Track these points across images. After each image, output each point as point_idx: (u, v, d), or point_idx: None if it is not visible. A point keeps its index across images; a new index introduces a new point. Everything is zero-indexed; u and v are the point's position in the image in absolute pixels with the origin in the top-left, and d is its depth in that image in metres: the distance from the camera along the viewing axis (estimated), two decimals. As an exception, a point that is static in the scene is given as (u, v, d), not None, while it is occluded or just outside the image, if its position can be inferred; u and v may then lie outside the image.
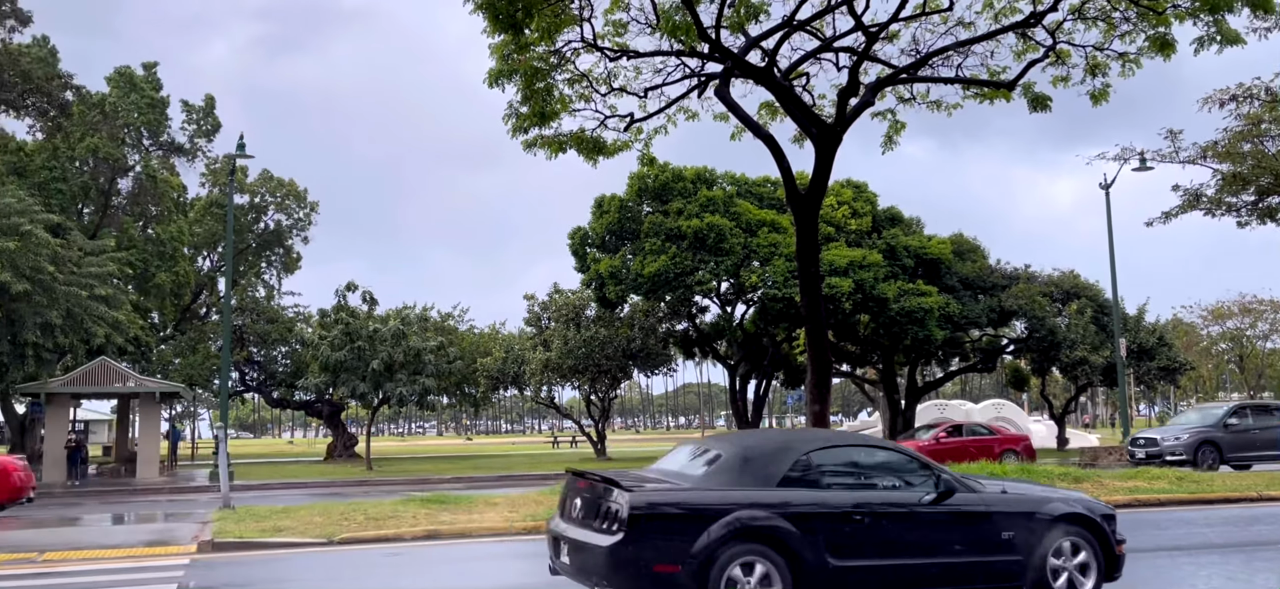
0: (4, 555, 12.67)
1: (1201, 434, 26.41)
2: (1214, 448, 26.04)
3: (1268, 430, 26.50)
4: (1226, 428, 26.63)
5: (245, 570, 11.57)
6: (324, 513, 15.98)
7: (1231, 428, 26.65)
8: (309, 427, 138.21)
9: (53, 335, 29.25)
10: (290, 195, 51.51)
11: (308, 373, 41.17)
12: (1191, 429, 27.01)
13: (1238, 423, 26.89)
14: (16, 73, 34.90)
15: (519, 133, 20.72)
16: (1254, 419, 27.23)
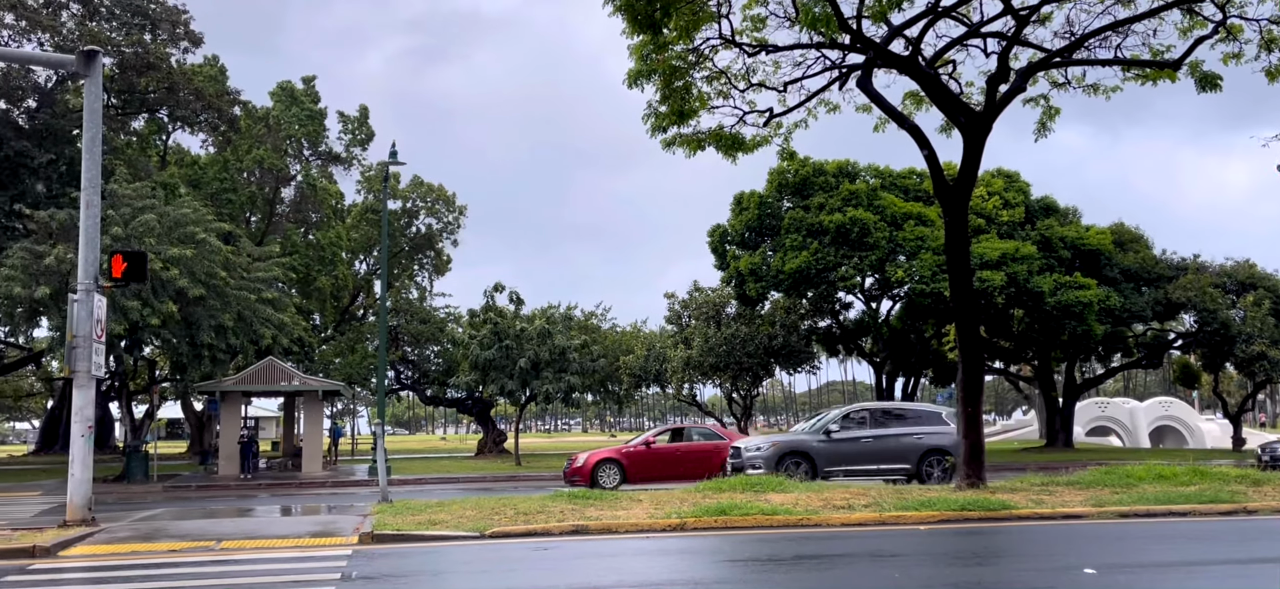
0: (187, 544, 13.58)
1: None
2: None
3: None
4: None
5: (403, 561, 12.04)
6: (476, 507, 16.46)
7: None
8: (460, 423, 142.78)
9: (225, 337, 31.13)
10: (440, 200, 53.31)
11: (459, 371, 42.53)
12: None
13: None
14: (190, 91, 37.30)
15: (658, 132, 20.83)
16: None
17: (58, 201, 31.83)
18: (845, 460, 22.40)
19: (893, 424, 23.27)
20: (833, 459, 22.40)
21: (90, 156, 16.57)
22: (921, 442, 22.74)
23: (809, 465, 22.17)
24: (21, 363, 51.79)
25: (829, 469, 22.22)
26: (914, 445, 22.69)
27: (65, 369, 27.94)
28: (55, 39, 34.10)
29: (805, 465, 22.12)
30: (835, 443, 22.60)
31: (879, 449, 22.63)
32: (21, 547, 12.94)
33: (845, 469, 22.29)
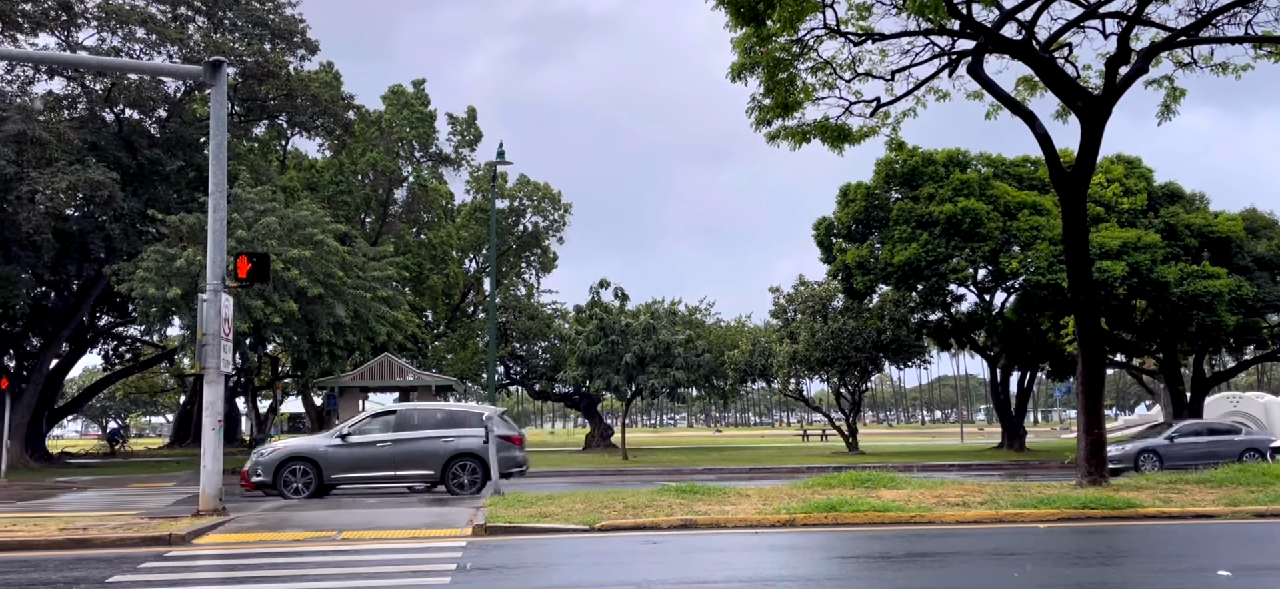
0: (310, 533, 14.11)
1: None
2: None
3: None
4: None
5: (516, 553, 12.27)
6: (585, 500, 16.66)
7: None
8: (568, 418, 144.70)
9: (343, 334, 32.23)
10: (546, 198, 54.05)
11: (566, 367, 43.08)
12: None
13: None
14: (307, 97, 38.68)
15: (762, 125, 20.70)
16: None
17: (187, 206, 33.43)
18: (359, 467, 20.65)
19: (421, 427, 21.13)
20: (343, 466, 20.60)
21: (217, 162, 17.33)
22: (449, 447, 20.84)
23: (314, 474, 20.36)
24: (156, 360, 54.65)
25: (338, 477, 20.58)
26: (440, 450, 20.80)
27: (196, 366, 29.35)
28: (183, 51, 35.78)
29: (310, 475, 20.36)
30: (350, 448, 20.71)
31: (399, 455, 20.74)
32: (159, 534, 13.65)
33: (359, 477, 20.71)
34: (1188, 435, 29.06)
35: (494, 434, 19.71)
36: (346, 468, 20.56)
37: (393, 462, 20.63)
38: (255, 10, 38.11)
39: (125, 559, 11.99)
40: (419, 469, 20.72)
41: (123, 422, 73.40)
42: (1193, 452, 28.06)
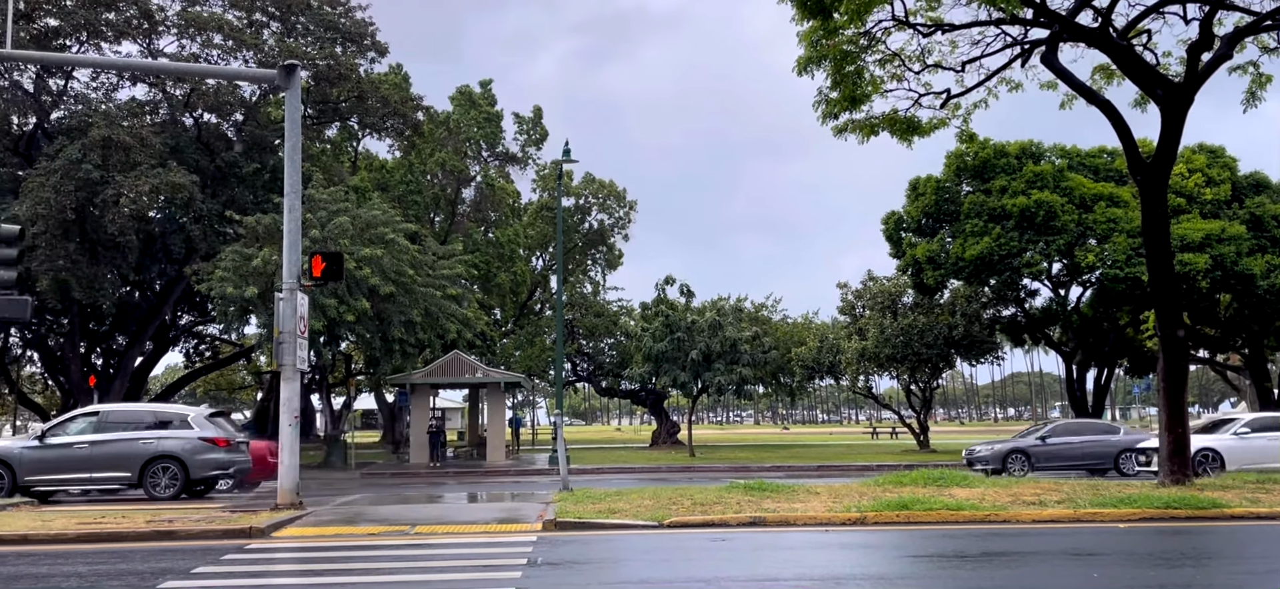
0: (385, 527, 14.36)
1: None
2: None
3: None
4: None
5: (585, 548, 12.34)
6: (653, 497, 16.68)
7: None
8: (634, 414, 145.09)
9: (414, 332, 32.74)
10: (611, 196, 54.22)
11: (632, 363, 43.21)
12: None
13: None
14: (377, 99, 39.35)
15: (829, 119, 20.50)
16: None
17: (263, 207, 34.25)
18: (55, 469, 19.97)
19: (122, 429, 20.45)
20: (39, 468, 19.91)
21: (291, 164, 17.72)
22: (148, 449, 20.12)
23: (9, 476, 19.62)
24: (234, 358, 56.11)
25: (31, 480, 19.81)
26: (138, 452, 20.09)
27: (272, 363, 30.08)
28: (258, 56, 36.68)
29: (4, 476, 19.61)
30: (47, 450, 20.04)
31: (96, 457, 20.02)
32: (239, 527, 14.02)
33: (55, 480, 20.05)
34: (1061, 435, 27.80)
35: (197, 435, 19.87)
36: (42, 470, 20.06)
37: (89, 463, 20.10)
38: (326, 14, 38.88)
39: (208, 551, 12.33)
40: (115, 471, 20.21)
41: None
42: (1066, 452, 27.00)
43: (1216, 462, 23.60)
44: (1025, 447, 27.52)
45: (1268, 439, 24.05)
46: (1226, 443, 24.33)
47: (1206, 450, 23.84)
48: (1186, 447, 18.07)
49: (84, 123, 34.44)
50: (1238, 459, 23.52)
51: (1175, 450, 17.67)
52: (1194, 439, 26.00)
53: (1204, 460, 23.34)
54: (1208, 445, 24.07)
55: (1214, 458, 23.85)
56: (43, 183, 31.97)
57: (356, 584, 9.95)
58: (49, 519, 15.17)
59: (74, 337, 40.69)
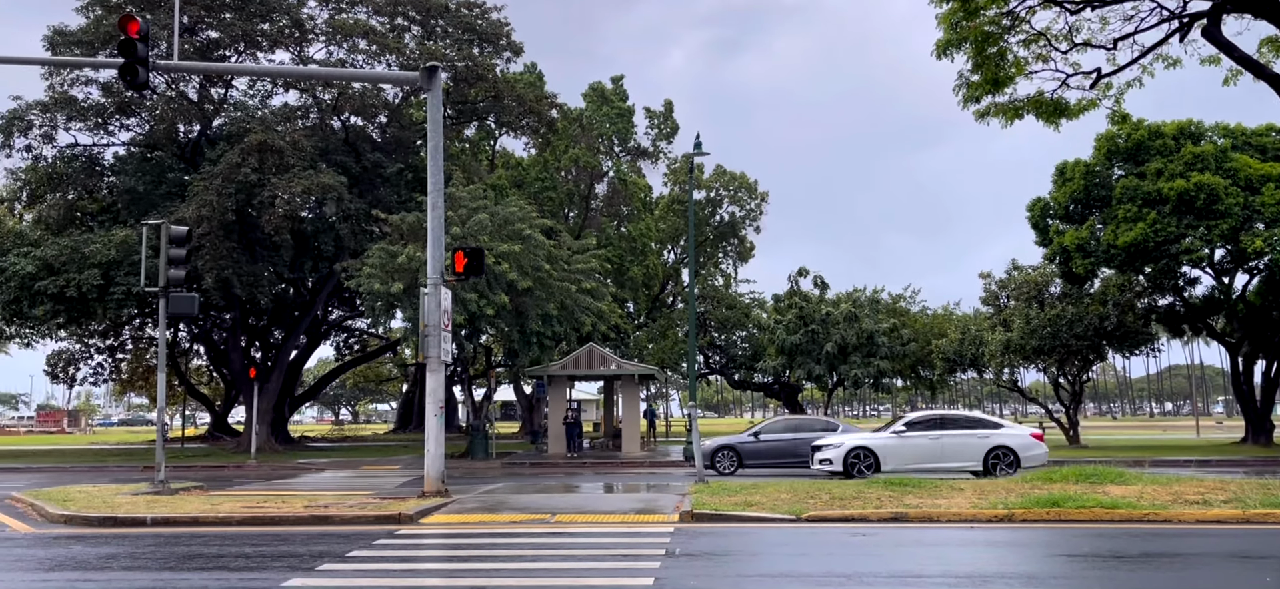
0: (526, 516, 14.70)
1: None
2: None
3: None
4: None
5: (722, 540, 12.33)
6: (790, 490, 16.54)
7: None
8: (768, 407, 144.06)
9: (551, 325, 33.36)
10: (742, 188, 53.97)
11: (765, 356, 42.93)
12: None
13: None
14: (513, 98, 40.23)
15: (970, 103, 19.89)
16: None
17: (406, 205, 35.50)
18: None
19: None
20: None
21: (434, 163, 18.30)
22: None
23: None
24: (381, 351, 58.43)
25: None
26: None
27: (417, 356, 31.13)
28: (400, 59, 38.03)
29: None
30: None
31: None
32: (390, 514, 14.60)
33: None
34: (771, 433, 26.37)
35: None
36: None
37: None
38: (464, 16, 39.97)
39: (361, 535, 12.89)
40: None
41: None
42: (776, 449, 25.67)
43: (733, 457, 25.40)
44: (734, 443, 26.29)
45: (778, 438, 25.67)
46: (745, 441, 26.08)
47: (726, 448, 25.76)
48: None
49: (242, 129, 36.43)
50: (753, 457, 25.47)
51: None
52: (718, 439, 26.90)
53: (723, 458, 25.44)
54: (728, 443, 26.15)
55: (732, 454, 25.70)
56: (206, 186, 33.97)
57: (500, 570, 10.21)
58: (218, 503, 16.14)
59: (236, 331, 43.15)
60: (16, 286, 33.67)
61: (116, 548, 11.93)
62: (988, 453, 22.32)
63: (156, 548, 11.96)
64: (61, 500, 16.45)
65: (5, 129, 37.39)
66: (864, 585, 9.30)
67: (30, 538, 13.19)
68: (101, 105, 38.49)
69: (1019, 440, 22.66)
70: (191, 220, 32.20)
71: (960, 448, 22.40)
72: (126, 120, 39.56)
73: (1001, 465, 22.10)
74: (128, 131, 40.22)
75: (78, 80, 38.37)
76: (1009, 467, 22.05)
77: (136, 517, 14.44)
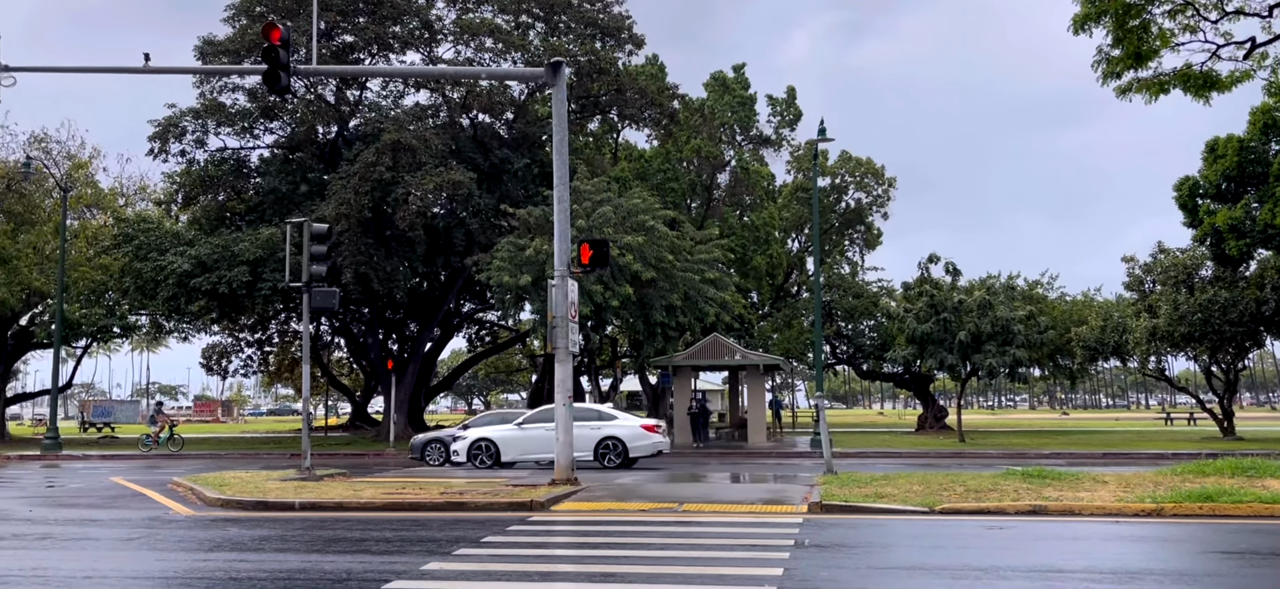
0: (654, 504, 14.83)
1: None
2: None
3: None
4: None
5: (852, 532, 12.16)
6: (922, 482, 16.18)
7: None
8: (897, 398, 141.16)
9: (675, 316, 33.48)
10: (868, 173, 52.87)
11: (894, 345, 42.02)
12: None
13: None
14: (635, 90, 40.47)
15: (1110, 78, 19.05)
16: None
17: (533, 200, 36.18)
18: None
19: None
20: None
21: (559, 157, 18.59)
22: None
23: None
24: (511, 342, 59.78)
25: None
26: None
27: (545, 347, 31.74)
28: (525, 56, 38.75)
29: None
30: None
31: None
32: (521, 501, 14.94)
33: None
34: (535, 423, 24.56)
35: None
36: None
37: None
38: (586, 11, 40.41)
39: (494, 522, 13.24)
40: None
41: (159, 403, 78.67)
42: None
43: (490, 451, 24.39)
44: (496, 436, 24.69)
45: (542, 429, 23.61)
46: (508, 433, 24.67)
47: (483, 441, 24.46)
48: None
49: (376, 129, 37.78)
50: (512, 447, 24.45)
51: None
52: (476, 429, 25.32)
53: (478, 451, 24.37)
54: (487, 435, 24.67)
55: (490, 447, 24.63)
56: (344, 185, 35.38)
57: (630, 557, 10.33)
58: (359, 489, 16.84)
59: (374, 324, 44.85)
60: (174, 284, 35.80)
61: (268, 531, 12.59)
62: (597, 443, 23.46)
63: (304, 531, 12.56)
64: (218, 485, 17.45)
65: (162, 135, 39.79)
66: (1001, 580, 9.03)
67: (191, 520, 14.05)
68: (247, 110, 40.56)
69: (628, 431, 23.85)
70: (331, 218, 33.57)
71: (549, 441, 22.38)
72: (270, 124, 41.57)
73: (610, 455, 23.37)
74: (271, 135, 42.27)
75: (225, 87, 40.53)
76: (617, 456, 23.36)
77: (285, 501, 15.20)
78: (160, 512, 15.09)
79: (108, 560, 10.51)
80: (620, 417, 24.55)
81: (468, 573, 9.46)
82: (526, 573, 9.49)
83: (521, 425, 24.55)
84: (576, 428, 21.55)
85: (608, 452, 23.32)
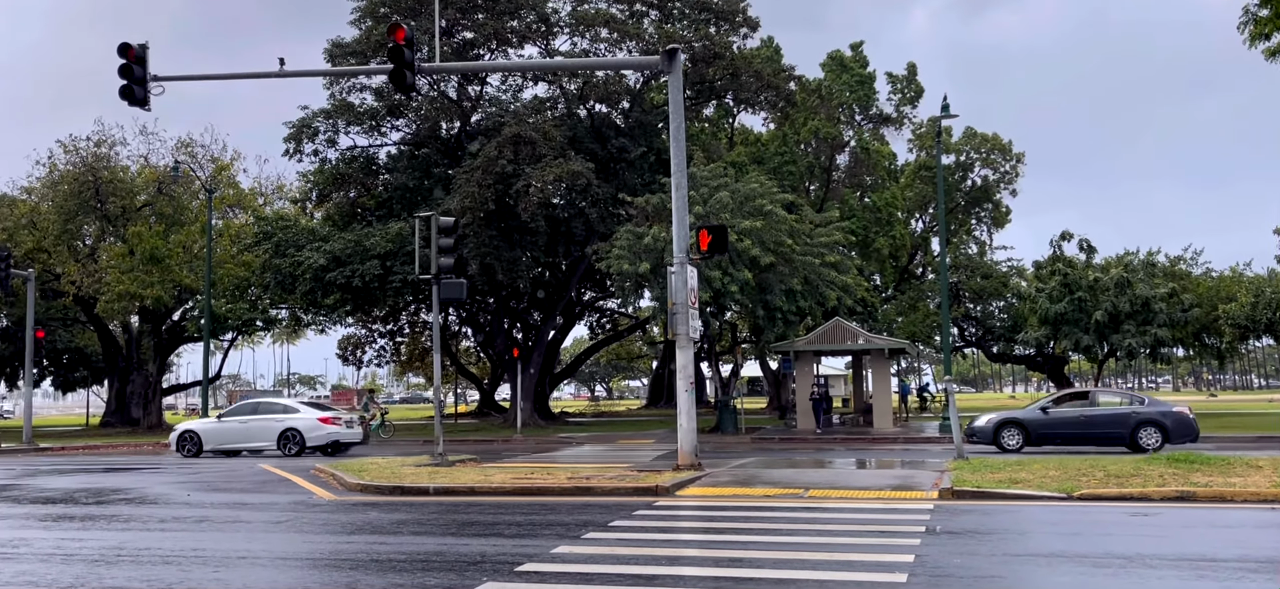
0: (779, 490, 14.76)
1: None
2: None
3: None
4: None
5: (985, 518, 11.85)
6: (1059, 467, 15.64)
7: None
8: (1030, 381, 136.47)
9: (795, 300, 33.14)
10: (995, 149, 51.26)
11: (1026, 326, 40.68)
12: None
13: None
14: (751, 74, 40.18)
15: (1258, 40, 17.98)
16: None
17: (650, 187, 36.34)
18: None
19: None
20: None
21: (676, 144, 18.63)
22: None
23: None
24: (631, 329, 60.35)
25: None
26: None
27: (665, 334, 31.86)
28: (640, 45, 38.91)
29: None
30: None
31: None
32: (647, 486, 15.08)
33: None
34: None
35: None
36: None
37: None
38: (700, -4, 40.30)
39: (621, 506, 13.41)
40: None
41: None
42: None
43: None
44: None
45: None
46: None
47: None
48: None
49: (497, 123, 38.60)
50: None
51: None
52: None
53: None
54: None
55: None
56: (467, 179, 36.28)
57: (756, 543, 10.31)
58: (490, 474, 17.29)
59: (499, 314, 45.91)
60: (311, 279, 37.41)
61: (405, 514, 13.06)
62: (279, 434, 26.26)
63: (439, 515, 12.98)
64: (357, 471, 18.17)
65: (296, 136, 41.59)
66: (1147, 569, 8.65)
67: (333, 504, 14.69)
68: (374, 109, 42.00)
69: (305, 423, 26.37)
70: (456, 211, 34.47)
71: (261, 429, 26.52)
72: (396, 122, 42.95)
73: (291, 445, 26.06)
74: (397, 132, 43.68)
75: (354, 87, 42.06)
76: (295, 445, 26.01)
77: (420, 486, 15.73)
78: (305, 496, 15.82)
79: (259, 542, 11.10)
80: (304, 411, 27.41)
81: (597, 556, 9.61)
82: (654, 557, 9.58)
83: (221, 419, 27.84)
84: (265, 420, 26.79)
85: (288, 442, 26.17)
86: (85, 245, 43.50)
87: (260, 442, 26.42)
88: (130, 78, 18.05)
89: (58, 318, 48.97)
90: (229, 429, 26.93)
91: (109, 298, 39.45)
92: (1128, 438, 21.93)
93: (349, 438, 26.93)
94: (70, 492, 17.28)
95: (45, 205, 42.52)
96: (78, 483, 19.15)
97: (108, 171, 41.82)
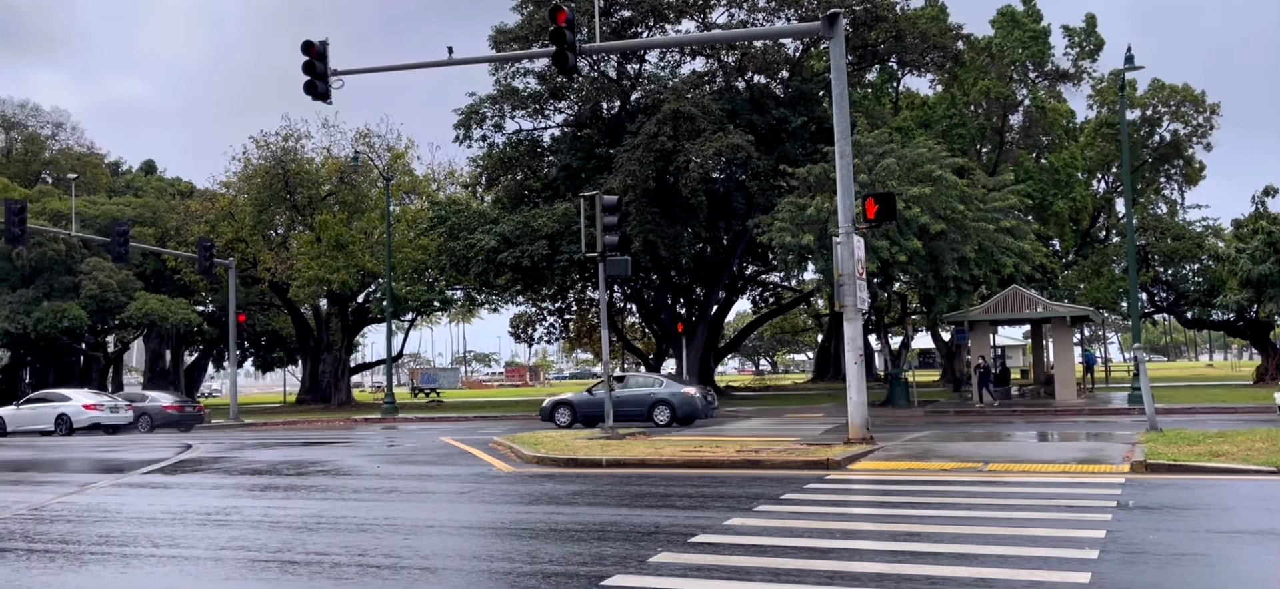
0: (955, 464, 14.33)
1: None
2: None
3: None
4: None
5: (1183, 493, 11.15)
6: (1266, 439, 14.55)
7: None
8: (1229, 348, 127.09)
9: (968, 268, 31.96)
10: (1186, 101, 47.73)
11: (1224, 290, 37.88)
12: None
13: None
14: (915, 35, 38.85)
15: None
16: None
17: (811, 158, 35.75)
18: None
19: None
20: None
21: (839, 111, 18.23)
22: None
23: None
24: (795, 303, 59.77)
25: None
26: None
27: (830, 306, 31.38)
28: (798, 12, 38.23)
29: None
30: None
31: None
32: (817, 459, 14.94)
33: None
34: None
35: None
36: None
37: None
38: (861, -42, 39.19)
39: (791, 479, 13.33)
40: None
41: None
42: (30, 419, 32.15)
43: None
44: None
45: None
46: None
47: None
48: None
49: (656, 100, 38.79)
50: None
51: None
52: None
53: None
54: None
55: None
56: (629, 157, 36.68)
57: (934, 516, 10.05)
58: (659, 447, 17.53)
59: (663, 290, 46.33)
60: (483, 260, 38.76)
61: (580, 486, 13.41)
62: (55, 418, 31.31)
63: (612, 486, 13.26)
64: (533, 444, 18.78)
65: (465, 122, 43.08)
66: (1375, 549, 7.95)
67: (511, 476, 15.23)
68: (538, 93, 42.97)
69: (73, 409, 31.46)
70: (618, 190, 34.91)
71: (46, 415, 31.71)
72: (558, 104, 43.80)
73: (62, 426, 31.09)
74: (560, 114, 44.54)
75: (518, 73, 43.15)
76: (66, 426, 31.00)
77: (593, 458, 16.11)
78: (484, 468, 16.47)
79: (444, 511, 11.64)
80: (74, 399, 32.26)
81: (770, 529, 9.60)
82: (828, 531, 9.49)
83: (19, 407, 33.12)
84: (47, 408, 31.82)
85: (61, 423, 31.16)
86: (277, 234, 46.56)
87: (44, 425, 31.53)
88: (313, 73, 19.14)
89: (256, 303, 52.71)
90: (30, 413, 32.44)
91: (300, 282, 42.13)
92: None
93: (110, 421, 31.60)
94: (273, 464, 18.60)
95: (241, 198, 45.76)
96: (279, 456, 20.58)
97: (295, 164, 44.58)
